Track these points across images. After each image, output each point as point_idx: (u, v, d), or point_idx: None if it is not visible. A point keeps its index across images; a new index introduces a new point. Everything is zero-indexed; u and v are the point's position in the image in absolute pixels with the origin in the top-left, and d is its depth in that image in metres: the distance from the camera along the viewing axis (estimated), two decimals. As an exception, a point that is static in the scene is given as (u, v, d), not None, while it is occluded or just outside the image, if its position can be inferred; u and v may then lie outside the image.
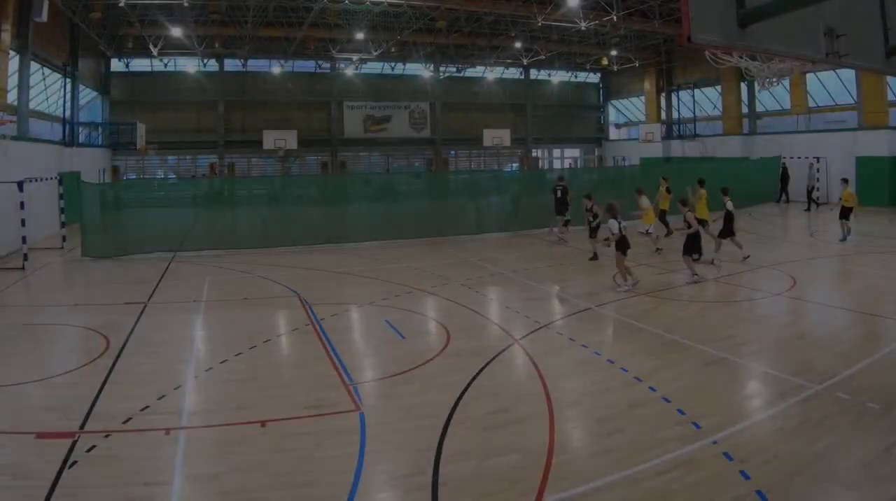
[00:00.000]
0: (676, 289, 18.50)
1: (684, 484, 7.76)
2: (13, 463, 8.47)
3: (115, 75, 56.26)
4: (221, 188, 38.91)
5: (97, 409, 10.26)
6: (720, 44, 7.16)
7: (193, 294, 19.13)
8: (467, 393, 10.82)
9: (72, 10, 38.96)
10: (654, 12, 44.88)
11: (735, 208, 22.28)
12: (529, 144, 68.67)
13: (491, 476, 8.09)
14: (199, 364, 12.82)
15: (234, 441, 9.21)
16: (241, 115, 59.35)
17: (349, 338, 14.76)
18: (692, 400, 10.19)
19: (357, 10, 45.14)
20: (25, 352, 13.53)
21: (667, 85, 61.23)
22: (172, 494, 7.86)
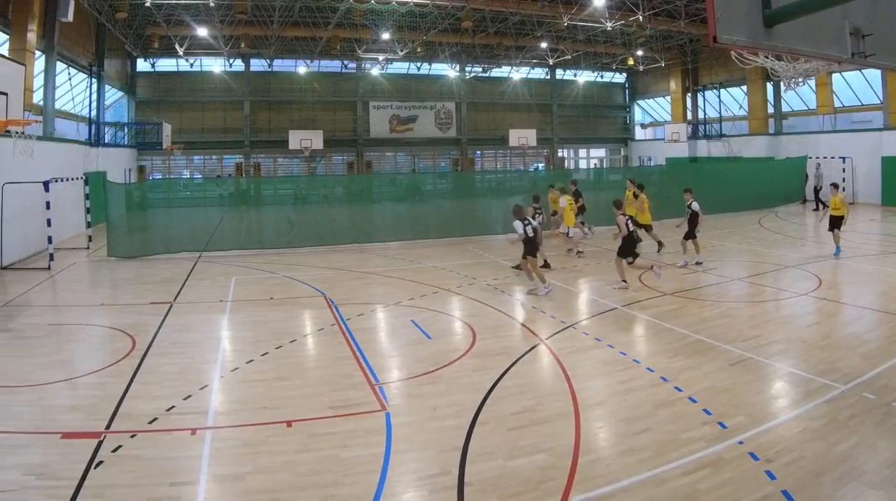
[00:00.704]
0: (702, 290, 18.41)
1: (710, 484, 7.73)
2: (39, 463, 8.49)
3: (140, 75, 56.65)
4: (247, 188, 39.07)
5: (123, 409, 10.28)
6: (746, 44, 7.16)
7: (219, 294, 19.15)
8: (493, 392, 10.80)
9: (97, 10, 39.12)
10: (680, 12, 44.82)
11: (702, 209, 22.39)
12: (555, 144, 68.54)
13: (517, 476, 8.07)
14: (225, 364, 12.83)
15: (260, 441, 9.22)
16: (266, 115, 59.62)
17: (375, 338, 14.74)
18: (718, 400, 10.16)
19: (383, 9, 45.33)
20: (51, 353, 13.56)
21: (693, 85, 61.06)
22: (198, 494, 7.87)
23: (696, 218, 21.98)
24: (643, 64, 60.49)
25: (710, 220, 32.03)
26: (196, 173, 60.27)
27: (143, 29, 49.43)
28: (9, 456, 8.68)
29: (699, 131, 59.57)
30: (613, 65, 64.31)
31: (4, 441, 9.11)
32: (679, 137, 57.26)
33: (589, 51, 58.42)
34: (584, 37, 55.22)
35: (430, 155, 65.65)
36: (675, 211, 32.46)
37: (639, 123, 70.97)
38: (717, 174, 41.01)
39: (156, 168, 58.12)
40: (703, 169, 48.12)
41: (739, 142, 53.89)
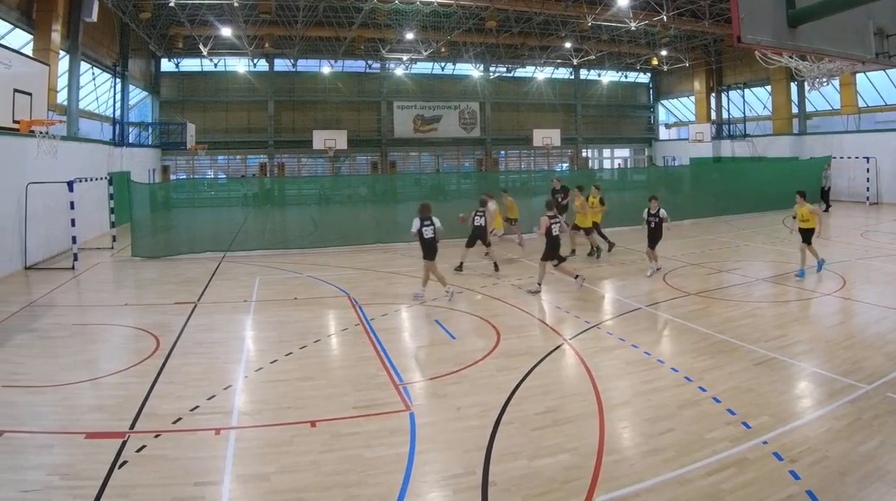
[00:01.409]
0: (726, 290, 18.34)
1: (734, 484, 7.72)
2: (63, 464, 8.52)
3: (164, 75, 56.87)
4: (271, 188, 39.18)
5: (147, 409, 10.32)
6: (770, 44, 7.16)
7: (243, 294, 19.18)
8: (517, 392, 10.81)
9: (121, 10, 39.29)
10: (704, 12, 44.70)
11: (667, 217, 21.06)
12: (579, 144, 68.45)
13: (541, 476, 8.08)
14: (250, 364, 12.85)
15: (284, 441, 9.24)
16: (290, 115, 59.73)
17: (399, 338, 14.72)
18: (742, 400, 10.14)
19: (407, 9, 45.37)
20: (75, 352, 13.60)
21: (717, 85, 60.85)
22: (222, 494, 7.90)
23: (660, 227, 20.84)
24: (667, 64, 60.29)
25: (734, 220, 32.18)
26: (220, 173, 60.53)
27: (167, 29, 49.63)
28: (33, 456, 8.73)
29: (723, 131, 59.36)
30: (637, 65, 64.15)
31: (29, 442, 9.17)
32: (703, 137, 57.20)
33: (613, 51, 58.35)
34: (608, 37, 55.19)
35: (454, 155, 65.65)
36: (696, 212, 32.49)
37: (663, 123, 70.82)
38: (742, 174, 40.87)
39: (180, 168, 58.31)
40: (727, 169, 47.97)
41: (763, 143, 53.73)
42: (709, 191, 36.41)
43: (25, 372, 12.27)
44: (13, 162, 22.23)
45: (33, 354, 13.45)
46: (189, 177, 58.03)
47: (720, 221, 33.16)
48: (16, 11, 27.36)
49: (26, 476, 8.11)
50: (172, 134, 49.01)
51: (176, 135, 48.27)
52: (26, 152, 22.11)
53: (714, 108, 61.46)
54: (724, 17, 44.33)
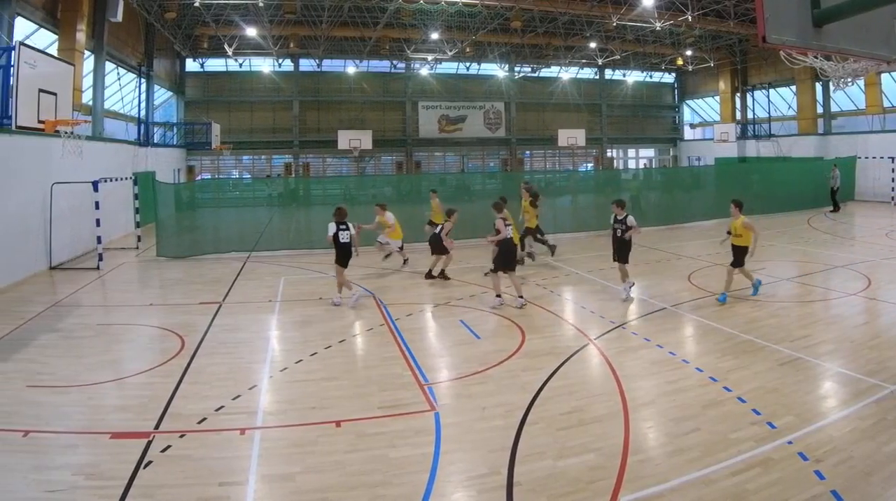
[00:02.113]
0: (751, 290, 18.23)
1: (759, 484, 7.71)
2: (88, 463, 8.57)
3: (189, 75, 57.19)
4: (296, 188, 39.26)
5: (172, 409, 10.38)
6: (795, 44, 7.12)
7: (268, 294, 19.21)
8: (542, 392, 10.82)
9: (146, 10, 39.54)
10: (729, 12, 44.63)
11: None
12: (604, 144, 68.39)
13: (566, 476, 8.09)
14: (274, 364, 12.89)
15: (309, 441, 9.27)
16: (315, 115, 59.91)
17: (424, 338, 14.70)
18: (767, 400, 10.12)
19: (432, 9, 45.38)
20: (100, 352, 13.66)
21: (742, 84, 60.72)
22: (247, 494, 7.93)
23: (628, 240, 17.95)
24: (692, 64, 60.14)
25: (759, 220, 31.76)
26: (245, 173, 60.79)
27: (192, 29, 49.93)
28: (58, 456, 8.78)
29: (748, 131, 59.13)
30: (662, 65, 64.08)
31: (54, 442, 9.22)
32: (728, 137, 57.12)
33: (638, 51, 58.36)
34: (633, 37, 55.18)
35: (479, 155, 65.76)
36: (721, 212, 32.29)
37: (688, 123, 70.70)
38: (766, 174, 40.66)
39: (205, 168, 58.58)
40: (752, 169, 47.75)
41: (788, 142, 53.54)
42: (733, 191, 36.15)
43: (50, 372, 12.33)
44: (38, 162, 22.31)
45: (58, 354, 13.51)
46: (214, 177, 58.28)
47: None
48: (41, 11, 27.52)
49: (51, 476, 8.15)
50: (197, 134, 49.21)
51: (201, 135, 48.48)
52: (51, 152, 22.16)
53: (739, 108, 61.31)
54: (749, 17, 44.29)
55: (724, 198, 30.92)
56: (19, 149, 21.07)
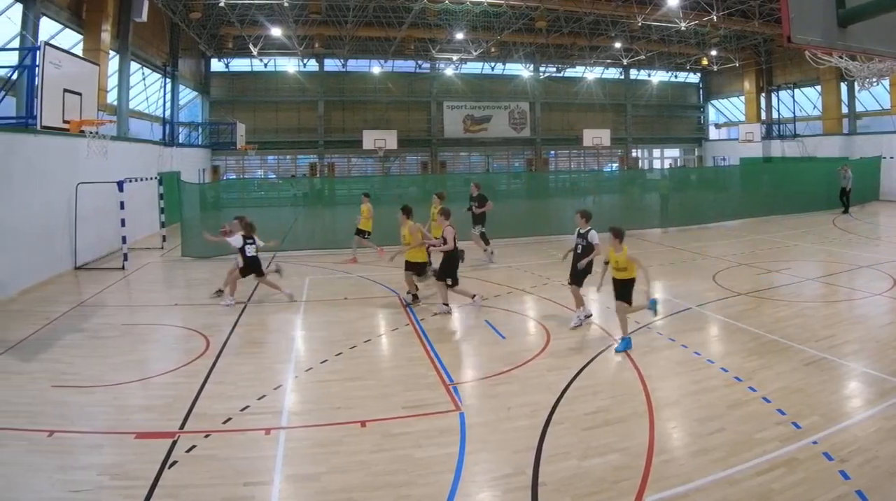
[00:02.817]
0: (776, 290, 18.18)
1: (784, 484, 7.69)
2: (113, 463, 8.60)
3: (214, 75, 57.46)
4: (321, 188, 39.31)
5: (197, 409, 10.42)
6: (820, 44, 7.08)
7: (293, 293, 19.31)
8: (567, 392, 10.82)
9: (171, 10, 39.67)
10: (755, 12, 44.47)
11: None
12: (629, 144, 68.26)
13: (591, 476, 8.08)
14: (299, 364, 12.91)
15: (334, 441, 9.28)
16: (340, 115, 60.04)
17: (449, 339, 14.71)
18: (792, 400, 10.09)
19: (457, 9, 45.32)
20: (125, 353, 13.69)
21: (767, 84, 60.52)
22: (272, 494, 7.95)
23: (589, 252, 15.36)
24: (717, 64, 59.92)
25: (784, 220, 31.67)
26: (270, 173, 60.97)
27: (217, 29, 50.07)
28: (83, 456, 8.82)
29: (773, 131, 58.87)
30: (687, 65, 63.86)
31: (79, 442, 9.26)
32: (753, 137, 56.88)
33: (663, 51, 58.20)
34: (657, 37, 55.03)
35: (504, 155, 65.79)
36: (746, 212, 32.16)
37: (713, 123, 70.55)
38: (791, 174, 40.45)
39: (230, 168, 58.80)
40: (776, 169, 47.57)
41: (813, 142, 53.32)
42: (758, 190, 36.06)
43: (75, 372, 12.38)
44: (63, 162, 22.42)
45: (83, 354, 13.56)
46: (239, 177, 58.51)
47: (770, 221, 32.87)
48: (66, 12, 27.63)
49: (76, 476, 8.19)
50: (222, 134, 49.34)
51: (226, 135, 48.59)
52: (76, 152, 22.19)
53: (764, 108, 61.11)
54: (774, 17, 44.12)
55: (749, 198, 30.87)
56: (45, 150, 21.17)
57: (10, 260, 18.69)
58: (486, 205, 23.94)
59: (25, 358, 13.21)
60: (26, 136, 20.05)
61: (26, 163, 20.09)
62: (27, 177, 20.11)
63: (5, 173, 18.95)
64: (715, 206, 34.16)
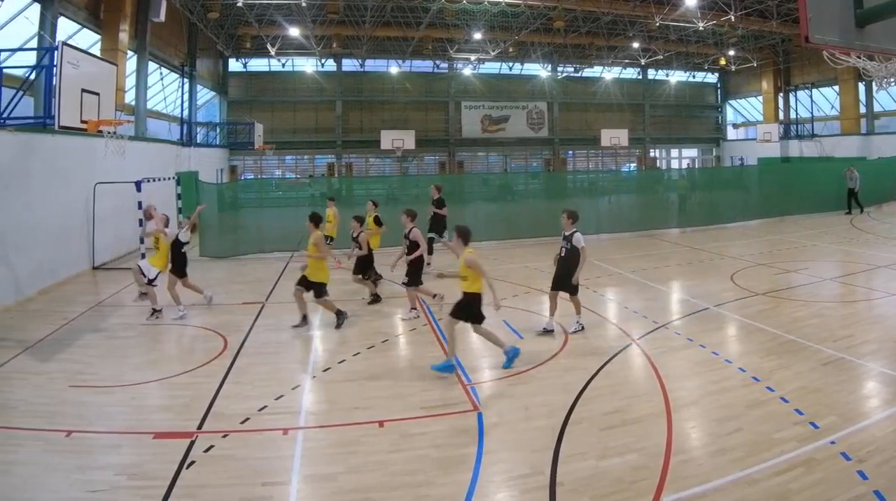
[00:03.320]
0: (794, 290, 18.14)
1: (802, 485, 7.66)
2: (131, 463, 8.62)
3: (232, 75, 57.76)
4: (339, 188, 39.31)
5: (215, 409, 10.43)
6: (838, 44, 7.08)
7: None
8: (585, 392, 10.80)
9: (189, 10, 39.96)
10: (772, 12, 44.54)
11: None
12: (647, 144, 68.18)
13: (609, 476, 8.06)
14: (317, 364, 12.91)
15: (352, 441, 9.28)
16: (358, 115, 60.31)
17: (467, 338, 14.46)
18: (810, 400, 10.06)
19: (474, 9, 45.48)
20: (143, 353, 13.73)
21: (784, 84, 60.50)
22: (290, 494, 7.95)
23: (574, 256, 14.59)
24: (735, 64, 60.01)
25: (802, 220, 31.57)
26: (288, 173, 61.15)
27: (234, 29, 50.33)
28: (101, 456, 8.83)
29: (791, 131, 58.74)
30: (705, 65, 63.95)
31: (97, 442, 9.28)
32: (771, 137, 56.87)
33: (681, 51, 58.32)
34: (675, 37, 55.07)
35: (521, 155, 65.89)
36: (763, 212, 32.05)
37: (731, 123, 70.38)
38: (809, 174, 40.31)
39: (248, 168, 59.11)
40: (794, 169, 47.48)
41: (831, 143, 53.38)
42: (776, 190, 35.88)
43: (93, 372, 12.42)
44: (81, 162, 22.52)
45: (101, 354, 13.59)
46: (257, 177, 58.75)
47: (787, 221, 32.81)
48: (83, 12, 27.72)
49: (94, 476, 8.21)
50: (240, 134, 49.51)
51: (244, 135, 48.75)
52: (94, 152, 22.31)
53: (782, 108, 61.07)
54: (791, 17, 44.13)
55: (766, 198, 30.73)
56: (63, 150, 21.26)
57: (29, 259, 18.75)
58: (443, 209, 23.00)
59: (43, 358, 13.25)
60: (44, 136, 20.11)
61: (44, 163, 20.17)
62: (45, 177, 20.17)
63: (23, 173, 19.02)
64: (733, 206, 34.07)
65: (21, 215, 18.64)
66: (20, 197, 18.73)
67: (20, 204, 18.68)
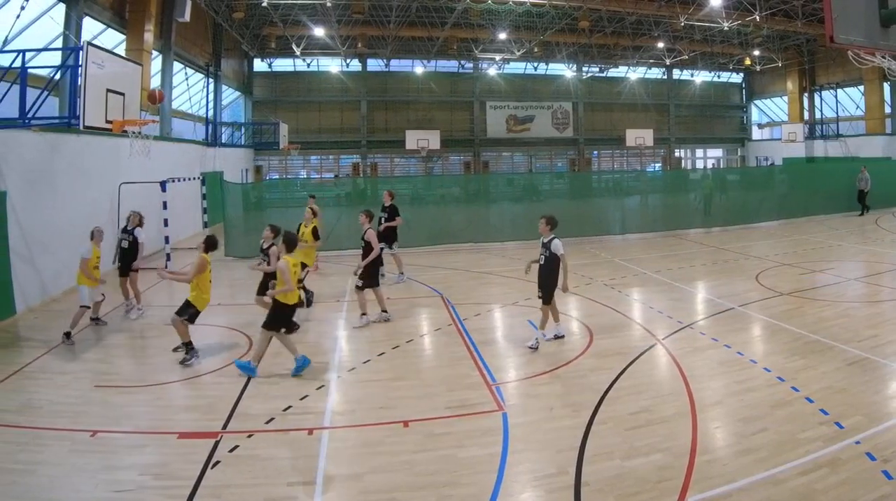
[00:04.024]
0: (819, 290, 18.11)
1: (827, 485, 7.67)
2: (156, 463, 8.69)
3: (257, 75, 58.00)
4: (364, 188, 39.31)
5: (240, 409, 10.48)
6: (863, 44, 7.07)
7: (336, 293, 19.31)
8: (610, 392, 10.82)
9: (214, 10, 39.98)
10: (797, 12, 44.35)
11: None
12: (672, 144, 68.01)
13: (634, 475, 8.08)
14: (342, 363, 12.97)
15: (377, 441, 9.32)
16: (383, 115, 60.52)
17: (492, 338, 14.71)
18: (835, 400, 10.05)
19: (499, 10, 45.42)
20: (167, 353, 13.70)
21: (809, 85, 60.26)
22: (315, 494, 7.97)
23: (555, 265, 13.86)
24: (760, 64, 59.75)
25: (826, 221, 31.35)
26: (313, 173, 61.33)
27: (259, 29, 50.49)
28: (126, 456, 8.89)
29: (816, 131, 58.48)
30: (730, 65, 63.73)
31: (122, 441, 9.33)
32: (796, 137, 56.70)
33: (706, 51, 58.10)
34: (700, 37, 54.85)
35: (546, 155, 65.92)
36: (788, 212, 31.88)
37: (756, 123, 70.12)
38: (834, 174, 40.07)
39: (272, 168, 59.33)
40: (819, 169, 47.28)
41: (856, 143, 53.26)
42: (800, 190, 35.66)
43: (118, 372, 12.55)
44: (106, 162, 22.61)
45: (126, 354, 13.80)
46: (282, 177, 58.90)
47: (813, 221, 32.71)
48: (108, 12, 27.79)
49: (119, 476, 8.27)
50: (265, 134, 49.62)
51: (269, 135, 48.84)
52: (119, 152, 22.39)
53: (807, 108, 60.83)
54: (816, 17, 43.96)
55: (792, 198, 30.54)
56: (88, 149, 21.39)
57: (54, 259, 18.82)
58: (396, 219, 21.31)
59: (68, 358, 13.34)
60: (69, 136, 20.22)
61: (69, 163, 20.28)
62: (70, 177, 20.27)
63: (49, 173, 19.12)
64: (758, 206, 33.90)
65: (46, 215, 18.73)
66: (45, 197, 18.82)
67: (45, 204, 18.77)
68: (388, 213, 21.18)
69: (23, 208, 17.63)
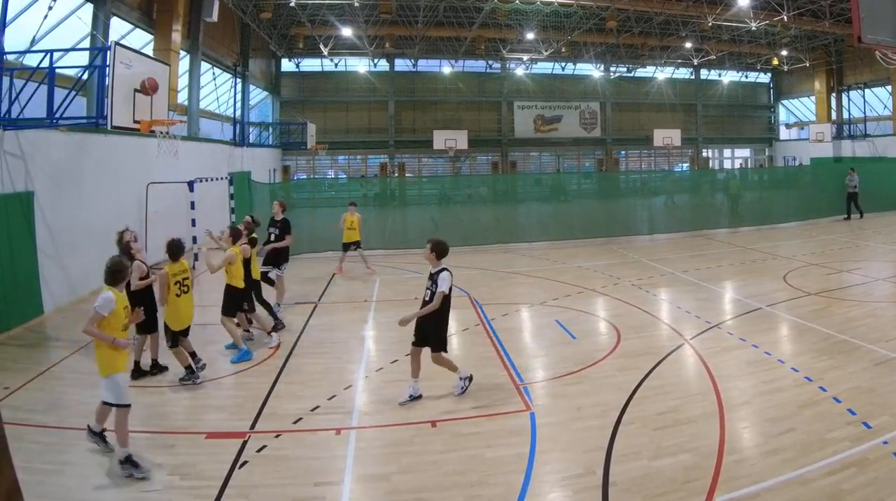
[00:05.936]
0: (847, 290, 18.03)
1: (854, 485, 7.63)
2: (184, 463, 8.71)
3: (285, 75, 58.09)
4: (392, 188, 39.38)
5: (267, 409, 10.52)
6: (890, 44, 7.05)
7: (364, 293, 19.36)
8: (638, 392, 10.82)
9: (242, 10, 39.98)
10: (825, 12, 44.08)
11: None
12: (700, 144, 67.72)
13: (661, 475, 8.08)
14: (370, 363, 12.99)
15: (405, 441, 9.33)
16: (411, 115, 60.52)
17: (519, 338, 14.74)
18: (863, 400, 10.01)
19: (527, 9, 45.28)
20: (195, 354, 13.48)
21: (837, 85, 59.84)
22: (343, 494, 7.99)
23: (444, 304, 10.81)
24: (788, 64, 59.50)
25: (854, 220, 31.23)
26: (340, 173, 61.45)
27: (287, 29, 50.47)
28: (155, 456, 8.93)
29: (843, 131, 58.08)
30: (758, 65, 63.45)
31: (150, 441, 9.39)
32: (823, 137, 56.33)
33: (733, 51, 57.85)
34: (728, 37, 54.56)
35: (574, 155, 65.75)
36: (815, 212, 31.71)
37: (783, 123, 69.77)
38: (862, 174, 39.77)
39: (300, 168, 59.45)
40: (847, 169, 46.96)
41: (884, 143, 52.87)
42: (828, 190, 35.45)
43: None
44: (134, 162, 22.73)
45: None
46: (309, 176, 59.09)
47: (840, 221, 32.54)
48: (136, 12, 27.87)
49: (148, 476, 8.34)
50: (293, 134, 49.59)
51: (296, 135, 48.80)
52: (147, 152, 22.37)
53: (834, 108, 60.44)
54: (844, 17, 43.64)
55: (820, 198, 30.38)
56: (115, 149, 21.52)
57: (82, 259, 18.89)
58: (286, 238, 18.61)
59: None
60: (97, 136, 20.35)
61: (97, 163, 20.40)
62: (98, 177, 20.38)
63: (77, 173, 19.23)
64: (786, 206, 33.74)
65: (74, 214, 18.84)
66: (74, 197, 18.93)
67: (74, 204, 18.89)
68: (279, 229, 18.73)
69: (50, 208, 17.74)
